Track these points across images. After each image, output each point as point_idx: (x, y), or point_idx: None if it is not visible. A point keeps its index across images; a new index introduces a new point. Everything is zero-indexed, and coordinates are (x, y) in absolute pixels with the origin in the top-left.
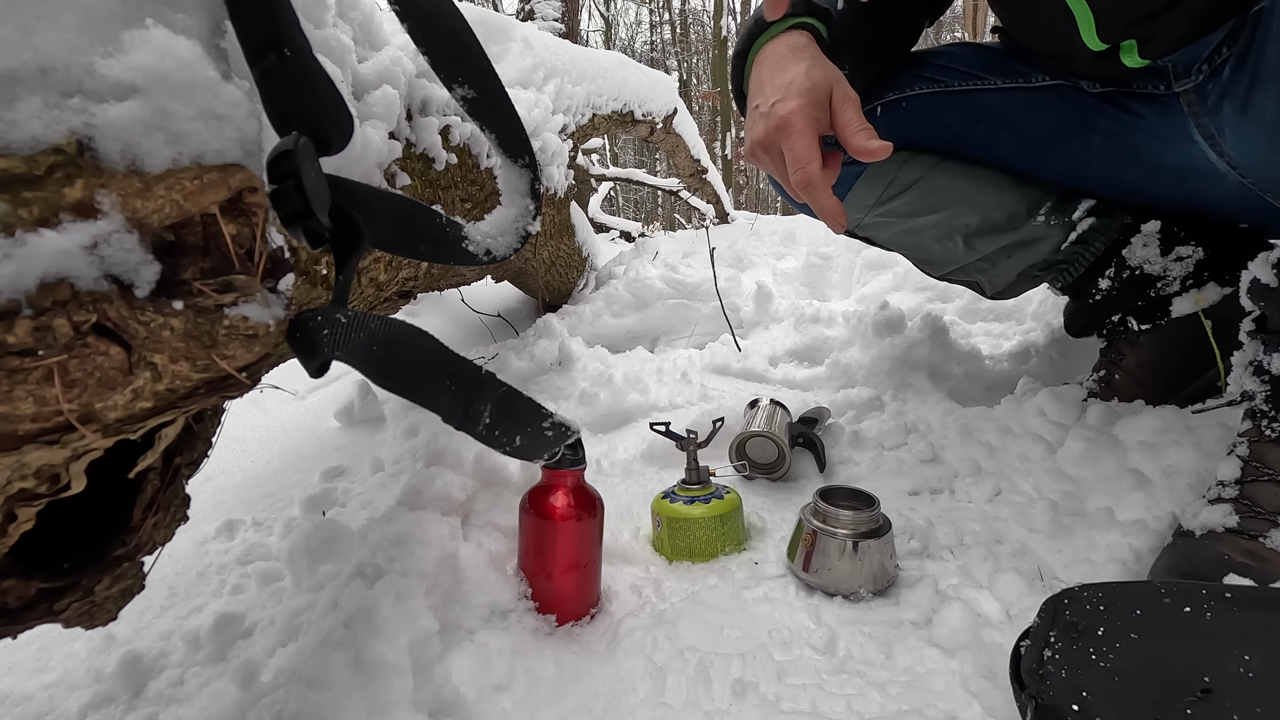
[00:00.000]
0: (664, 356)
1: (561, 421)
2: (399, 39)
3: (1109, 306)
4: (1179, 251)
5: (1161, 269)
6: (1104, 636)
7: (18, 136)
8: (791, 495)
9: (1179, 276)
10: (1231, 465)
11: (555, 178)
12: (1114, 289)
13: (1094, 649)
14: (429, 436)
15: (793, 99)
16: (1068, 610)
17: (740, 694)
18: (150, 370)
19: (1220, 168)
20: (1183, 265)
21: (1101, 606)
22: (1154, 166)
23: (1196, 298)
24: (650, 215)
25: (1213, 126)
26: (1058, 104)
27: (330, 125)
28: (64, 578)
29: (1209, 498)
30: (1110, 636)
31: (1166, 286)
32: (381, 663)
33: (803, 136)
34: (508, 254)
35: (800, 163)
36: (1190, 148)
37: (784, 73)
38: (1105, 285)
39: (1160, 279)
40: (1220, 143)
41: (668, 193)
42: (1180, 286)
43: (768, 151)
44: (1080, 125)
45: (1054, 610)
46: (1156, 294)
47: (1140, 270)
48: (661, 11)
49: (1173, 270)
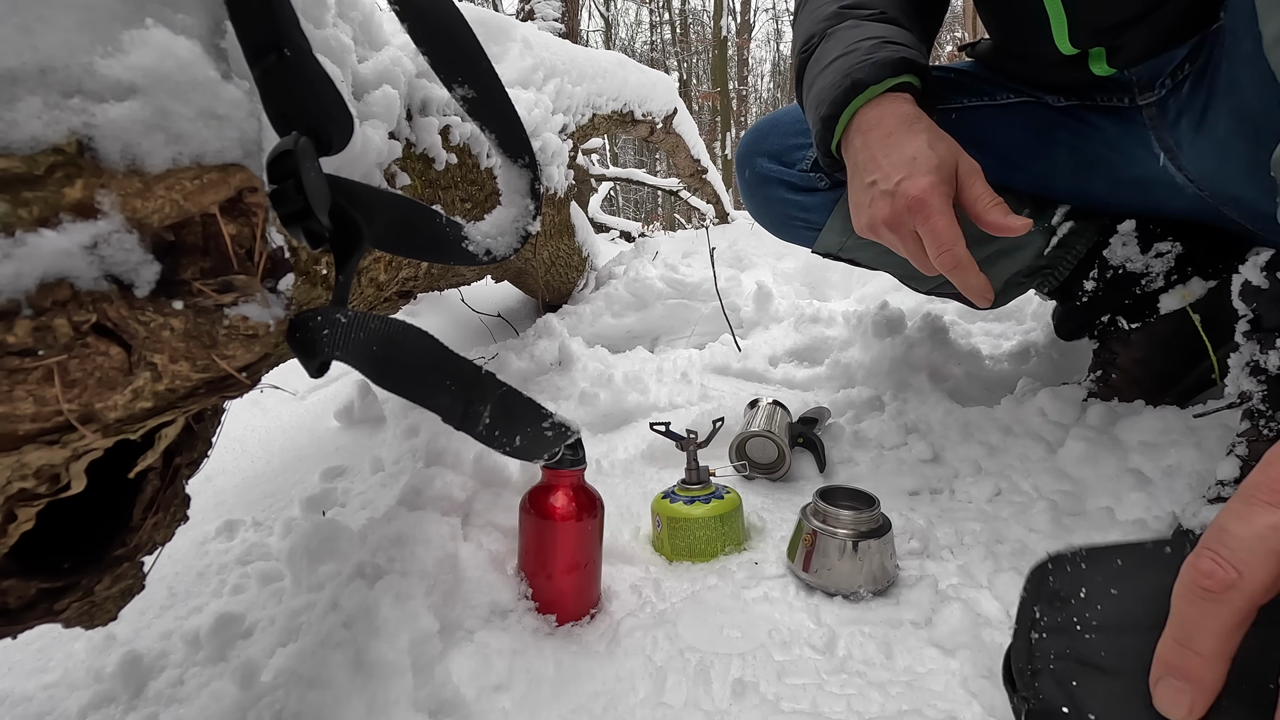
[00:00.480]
0: (664, 356)
1: (561, 422)
2: (399, 39)
3: (1097, 307)
4: (1158, 248)
5: (1144, 266)
6: (1086, 599)
7: (18, 136)
8: (791, 495)
9: (1161, 272)
10: (1231, 465)
11: (555, 178)
12: (1099, 290)
13: (1077, 617)
14: (429, 436)
15: (921, 176)
16: (1051, 577)
17: (740, 694)
18: (150, 370)
19: (1179, 180)
20: (1164, 261)
21: (1083, 564)
22: (1116, 179)
23: (1183, 293)
24: (650, 215)
25: (1171, 141)
26: (1022, 121)
27: (330, 125)
28: (64, 578)
29: (1209, 497)
30: (1092, 598)
31: (1151, 283)
32: (381, 663)
33: (943, 217)
34: (508, 254)
35: (946, 245)
36: (1151, 161)
37: (902, 147)
38: (1090, 287)
39: (1144, 276)
40: (1179, 157)
41: (668, 193)
42: (1165, 282)
43: (895, 231)
44: (1045, 140)
45: (1038, 581)
46: (1142, 291)
47: (1123, 269)
48: (661, 11)
49: (1155, 266)
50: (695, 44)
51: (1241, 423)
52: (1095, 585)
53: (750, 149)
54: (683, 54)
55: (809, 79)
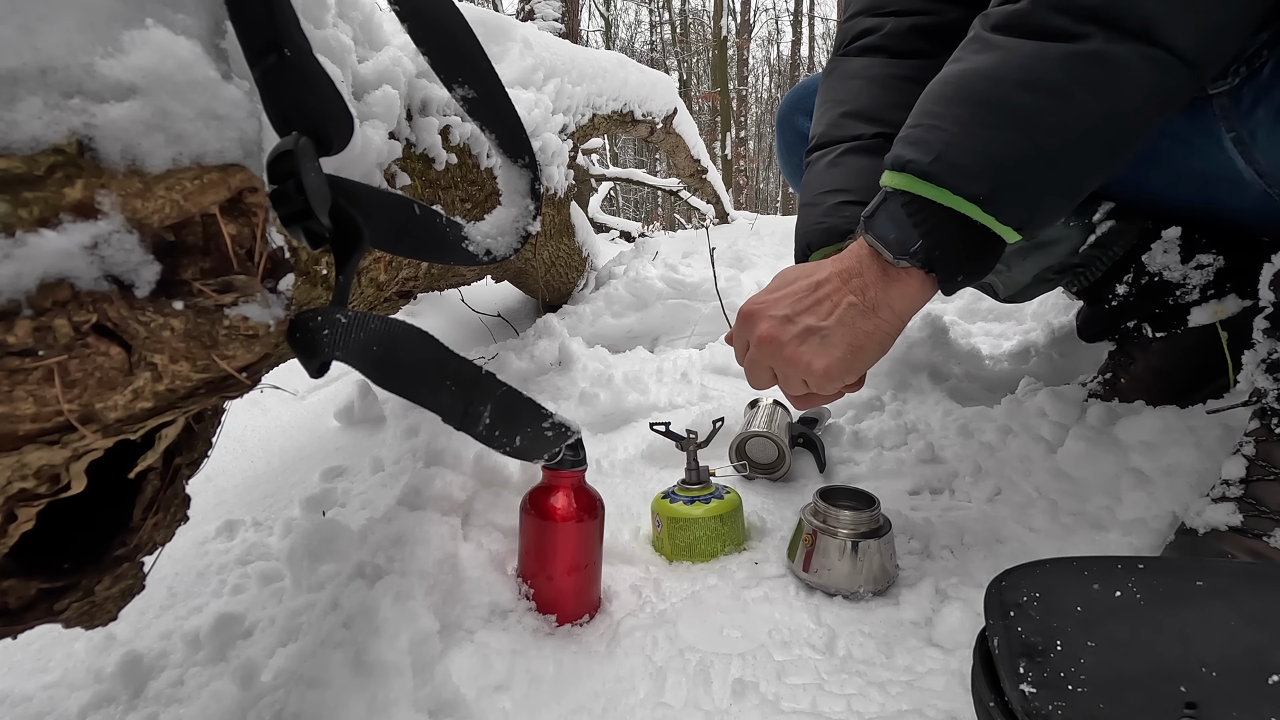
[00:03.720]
0: (664, 356)
1: (561, 422)
2: (399, 39)
3: (1125, 313)
4: (1199, 259)
5: (1181, 276)
6: (1064, 653)
7: (18, 136)
8: (791, 495)
9: (1199, 285)
10: (1237, 464)
11: (555, 178)
12: (1131, 295)
13: (1063, 672)
14: (429, 436)
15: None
16: (1019, 627)
17: (740, 694)
18: (150, 370)
19: (1246, 175)
20: (1203, 274)
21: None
22: (1178, 172)
23: (1216, 309)
24: (650, 215)
25: (1245, 131)
26: None
27: (330, 125)
28: (64, 578)
29: (1213, 496)
30: (1071, 652)
31: (1186, 295)
32: (381, 663)
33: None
34: (508, 254)
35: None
36: (1218, 154)
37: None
38: (1123, 291)
39: (1179, 286)
40: (1251, 148)
41: (668, 193)
42: (1200, 295)
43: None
44: None
45: (1006, 633)
46: (1175, 301)
47: (1159, 277)
48: (661, 11)
49: (1193, 278)
50: (695, 44)
51: (1250, 422)
52: (1068, 637)
53: (792, 108)
54: (683, 54)
55: (800, 195)
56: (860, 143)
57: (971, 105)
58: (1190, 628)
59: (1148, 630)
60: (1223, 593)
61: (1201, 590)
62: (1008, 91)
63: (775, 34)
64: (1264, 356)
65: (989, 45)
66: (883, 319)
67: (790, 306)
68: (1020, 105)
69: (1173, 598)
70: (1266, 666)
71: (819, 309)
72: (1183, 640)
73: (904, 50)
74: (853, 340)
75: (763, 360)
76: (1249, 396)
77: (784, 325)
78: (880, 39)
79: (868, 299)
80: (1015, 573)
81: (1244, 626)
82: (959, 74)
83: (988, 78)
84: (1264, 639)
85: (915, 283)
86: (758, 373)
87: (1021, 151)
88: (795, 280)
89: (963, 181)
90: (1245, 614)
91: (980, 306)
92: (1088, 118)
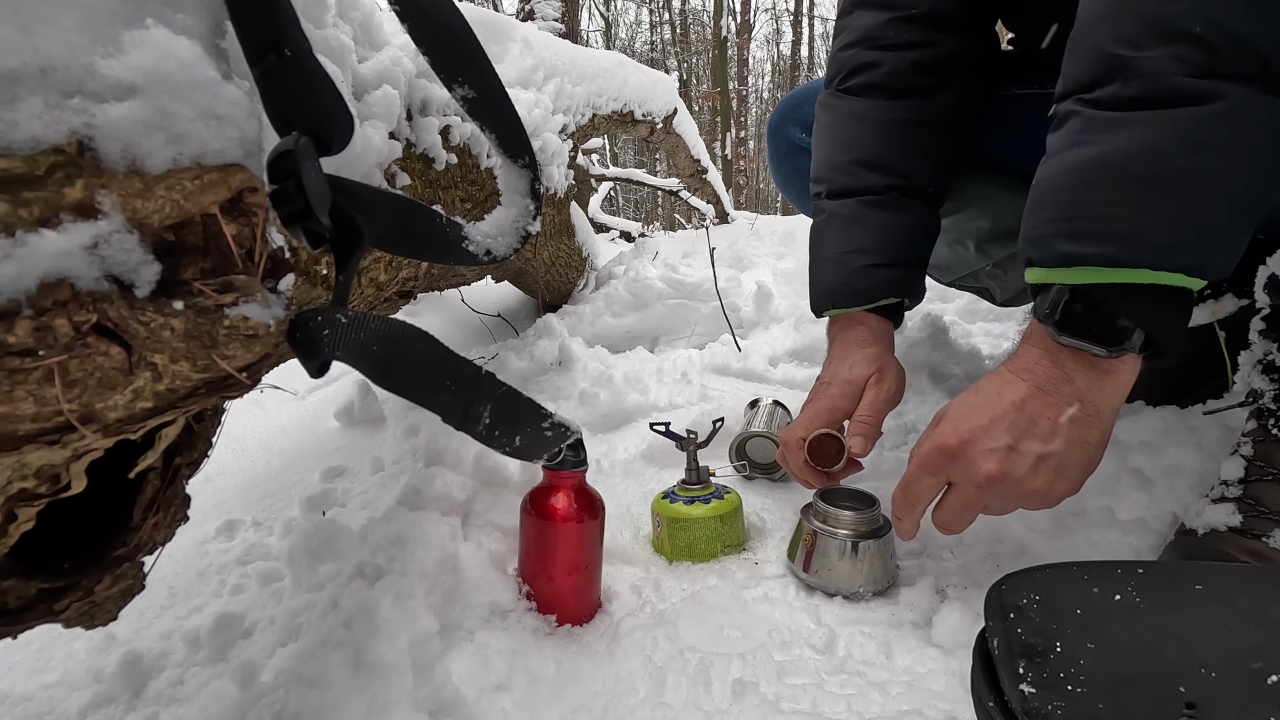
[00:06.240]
0: (664, 356)
1: (561, 422)
2: (399, 39)
3: None
4: None
5: None
6: (1064, 654)
7: (18, 136)
8: (791, 495)
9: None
10: (1236, 465)
11: (555, 178)
12: None
13: (1063, 673)
14: (429, 436)
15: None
16: (1020, 630)
17: (740, 694)
18: (150, 370)
19: None
20: None
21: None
22: None
23: (1214, 308)
24: (650, 215)
25: None
26: None
27: (330, 125)
28: (64, 578)
29: (1212, 497)
30: (1070, 653)
31: None
32: (381, 663)
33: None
34: (508, 254)
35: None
36: None
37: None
38: None
39: None
40: None
41: (668, 193)
42: (1196, 296)
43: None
44: None
45: (1005, 634)
46: None
47: None
48: (661, 11)
49: None
50: (695, 44)
51: (1248, 422)
52: (1067, 639)
53: (784, 118)
54: (683, 54)
55: (811, 245)
56: (875, 197)
57: (1139, 184)
58: (1190, 629)
59: (1147, 631)
60: (1222, 594)
61: (1201, 593)
62: (1177, 161)
63: (775, 34)
64: (1260, 357)
65: (1117, 124)
66: (1105, 420)
67: (1009, 434)
68: (1196, 169)
69: (1172, 600)
70: (1266, 667)
71: (1036, 431)
72: (1182, 641)
73: (905, 89)
74: (1086, 458)
75: (987, 499)
76: (1245, 397)
77: (1011, 458)
78: (881, 77)
79: (1087, 406)
80: (1015, 577)
81: (1243, 627)
82: (1096, 159)
83: (1146, 154)
84: (1263, 639)
85: (1129, 370)
86: (970, 514)
87: (1214, 210)
88: (988, 405)
89: (1168, 256)
90: (1244, 614)
91: (980, 307)
92: (1262, 157)
